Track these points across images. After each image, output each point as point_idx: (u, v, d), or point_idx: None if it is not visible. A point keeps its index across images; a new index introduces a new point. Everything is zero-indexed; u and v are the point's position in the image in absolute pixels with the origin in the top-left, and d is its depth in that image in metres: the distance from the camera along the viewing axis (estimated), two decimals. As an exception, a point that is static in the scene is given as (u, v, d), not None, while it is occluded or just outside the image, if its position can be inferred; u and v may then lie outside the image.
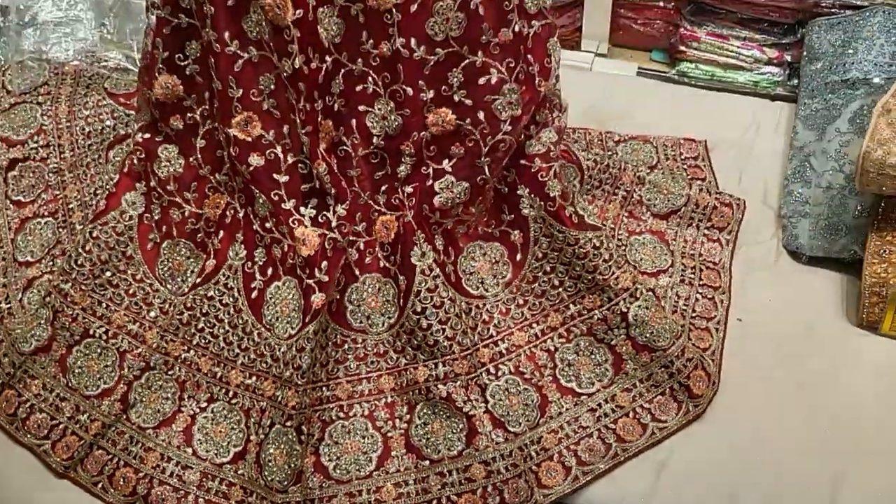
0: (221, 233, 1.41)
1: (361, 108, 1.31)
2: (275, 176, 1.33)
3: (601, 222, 1.52)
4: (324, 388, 1.36)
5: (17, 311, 1.52)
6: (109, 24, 1.88)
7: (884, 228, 1.54)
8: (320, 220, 1.35)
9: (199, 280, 1.41)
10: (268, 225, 1.37)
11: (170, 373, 1.41)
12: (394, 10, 1.22)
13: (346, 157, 1.34)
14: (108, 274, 1.45)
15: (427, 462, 1.33)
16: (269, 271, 1.39)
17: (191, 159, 1.41)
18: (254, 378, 1.37)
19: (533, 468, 1.32)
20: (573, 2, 2.11)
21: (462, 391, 1.34)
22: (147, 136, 1.43)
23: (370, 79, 1.29)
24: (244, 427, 1.36)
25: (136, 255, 1.46)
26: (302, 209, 1.35)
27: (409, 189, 1.36)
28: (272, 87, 1.28)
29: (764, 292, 1.61)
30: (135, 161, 1.44)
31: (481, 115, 1.31)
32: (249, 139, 1.31)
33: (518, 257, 1.45)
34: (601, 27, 2.14)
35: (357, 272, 1.38)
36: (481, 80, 1.29)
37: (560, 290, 1.44)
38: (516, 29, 1.28)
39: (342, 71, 1.28)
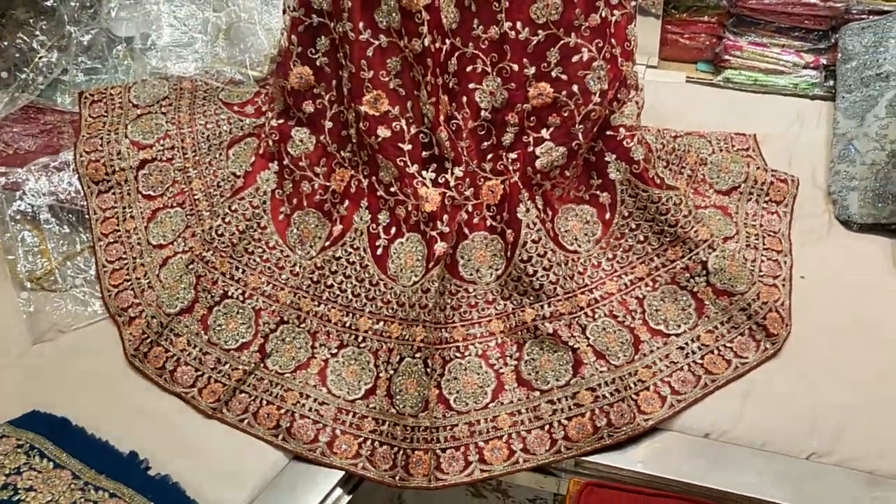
0: (347, 202, 1.61)
1: (471, 85, 1.52)
2: (399, 145, 1.53)
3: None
4: (442, 330, 1.53)
5: (155, 286, 1.72)
6: (221, 44, 2.12)
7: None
8: (440, 181, 1.54)
9: (327, 243, 1.60)
10: (392, 189, 1.56)
11: (302, 325, 1.58)
12: None
13: (458, 130, 1.54)
14: (245, 242, 1.64)
15: (538, 392, 1.49)
16: (393, 230, 1.57)
17: (321, 138, 1.62)
18: (381, 323, 1.54)
19: (633, 396, 1.47)
20: (625, 19, 2.33)
21: (566, 328, 1.51)
22: (281, 121, 1.65)
23: (479, 60, 1.50)
24: (373, 367, 1.52)
25: (270, 226, 1.65)
26: (424, 173, 1.55)
27: (513, 155, 1.56)
28: (398, 68, 1.50)
29: (821, 256, 1.78)
30: (269, 143, 1.66)
31: (575, 88, 1.51)
32: (377, 114, 1.52)
33: (607, 217, 1.63)
34: (651, 42, 2.35)
35: (467, 231, 1.57)
36: (574, 58, 1.50)
37: (645, 244, 1.62)
38: (603, 15, 1.50)
39: (456, 53, 1.49)
